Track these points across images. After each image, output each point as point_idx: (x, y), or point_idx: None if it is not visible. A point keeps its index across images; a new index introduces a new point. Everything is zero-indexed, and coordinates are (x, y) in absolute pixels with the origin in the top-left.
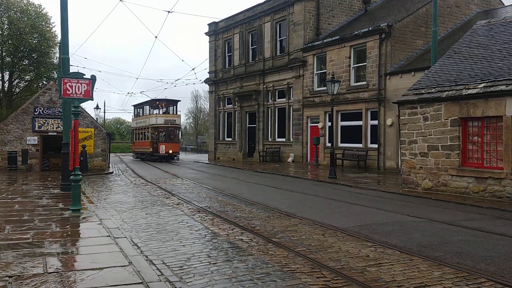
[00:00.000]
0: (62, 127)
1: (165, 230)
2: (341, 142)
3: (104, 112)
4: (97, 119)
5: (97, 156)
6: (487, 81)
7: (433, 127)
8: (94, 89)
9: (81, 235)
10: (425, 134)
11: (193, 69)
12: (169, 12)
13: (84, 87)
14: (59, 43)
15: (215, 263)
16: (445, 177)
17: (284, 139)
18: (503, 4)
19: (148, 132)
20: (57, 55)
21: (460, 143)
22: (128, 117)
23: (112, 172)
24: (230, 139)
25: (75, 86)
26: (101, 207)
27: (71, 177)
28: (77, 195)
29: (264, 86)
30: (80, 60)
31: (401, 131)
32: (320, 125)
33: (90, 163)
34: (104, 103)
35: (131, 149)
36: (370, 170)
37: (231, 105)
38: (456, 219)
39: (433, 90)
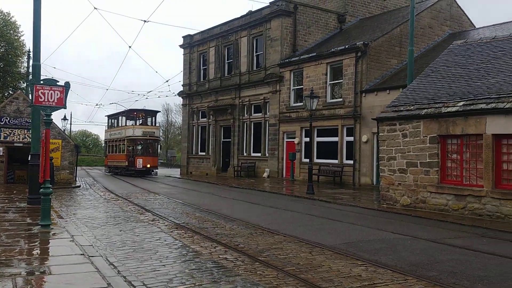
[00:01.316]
0: (29, 138)
1: (142, 249)
2: (317, 158)
3: (71, 123)
4: (64, 130)
5: (64, 169)
6: (466, 99)
7: (412, 144)
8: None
9: (52, 253)
10: (404, 150)
11: (167, 81)
12: (145, 21)
13: (57, 95)
14: (28, 51)
15: (201, 285)
16: (424, 194)
17: (259, 154)
18: (474, 26)
19: (124, 144)
20: (25, 64)
21: (439, 160)
22: (95, 129)
23: (79, 186)
24: (203, 153)
25: (48, 93)
26: (71, 222)
27: (41, 190)
28: (47, 210)
29: (240, 101)
30: (49, 69)
31: (380, 148)
32: (296, 140)
33: (56, 176)
34: (71, 114)
35: (99, 163)
36: (345, 186)
37: (205, 119)
38: (441, 236)
39: (412, 107)
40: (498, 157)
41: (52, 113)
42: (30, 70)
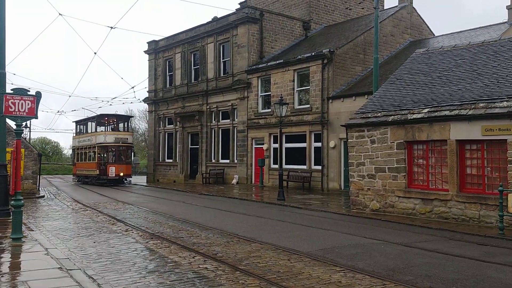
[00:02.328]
0: None
1: (119, 260)
2: (286, 164)
3: (30, 131)
4: (25, 138)
5: (27, 179)
6: (431, 106)
7: (380, 150)
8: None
9: (29, 268)
10: (372, 156)
11: (133, 87)
12: (112, 28)
13: (28, 105)
14: None
15: None
16: (393, 199)
17: (228, 161)
18: (434, 34)
19: (94, 152)
20: None
21: (406, 166)
22: (55, 137)
23: (43, 196)
24: (170, 160)
25: (18, 103)
26: (42, 235)
27: (12, 202)
28: (19, 222)
29: (208, 107)
30: (9, 76)
31: (349, 153)
32: (265, 146)
33: (20, 185)
34: (30, 122)
35: (60, 171)
36: (314, 191)
37: (172, 126)
38: (412, 240)
39: (379, 114)
40: (462, 162)
41: (23, 123)
42: None
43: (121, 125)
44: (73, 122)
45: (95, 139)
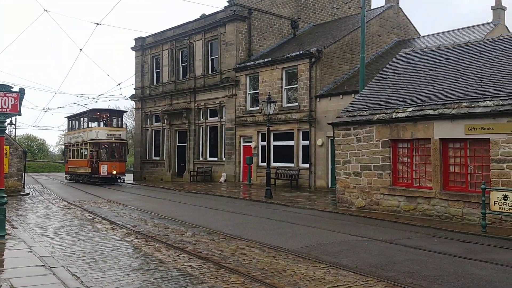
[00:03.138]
0: None
1: (103, 258)
2: (273, 162)
3: (15, 128)
4: (10, 135)
5: (12, 176)
6: (415, 105)
7: (365, 148)
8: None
9: (12, 265)
10: (358, 154)
11: (119, 84)
12: (98, 24)
13: (12, 101)
14: None
15: None
16: (378, 196)
17: (216, 159)
18: (419, 34)
19: (86, 148)
20: None
21: (391, 164)
22: (41, 134)
23: (28, 194)
24: (157, 158)
25: (1, 99)
26: (26, 232)
27: None
28: (2, 220)
29: (196, 104)
30: None
31: (335, 152)
32: (253, 144)
33: (4, 183)
34: (16, 118)
35: (46, 168)
36: (302, 189)
37: (159, 123)
38: (395, 237)
39: (365, 113)
40: (445, 160)
41: (6, 120)
42: None
43: (114, 120)
44: (65, 117)
45: (86, 136)
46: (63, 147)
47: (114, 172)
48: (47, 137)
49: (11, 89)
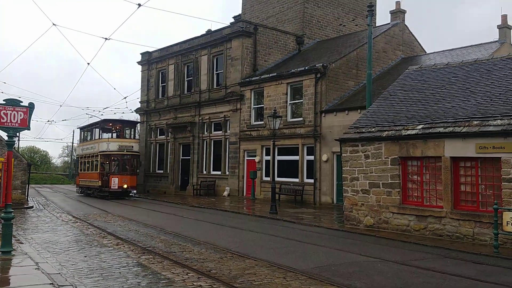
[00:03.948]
0: None
1: (111, 276)
2: (277, 176)
3: (19, 140)
4: (14, 147)
5: (15, 189)
6: (425, 123)
7: (374, 165)
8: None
9: (20, 283)
10: (366, 171)
11: (125, 97)
12: (106, 39)
13: (21, 116)
14: None
15: None
16: (387, 215)
17: (219, 172)
18: (425, 52)
19: (97, 160)
20: None
21: (401, 182)
22: (44, 146)
23: (32, 207)
24: (161, 171)
25: (11, 114)
26: (31, 248)
27: (3, 214)
28: (9, 235)
29: (200, 118)
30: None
31: (343, 168)
32: (257, 158)
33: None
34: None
35: (48, 180)
36: (306, 205)
37: (163, 136)
38: (407, 258)
39: (373, 129)
40: (456, 179)
41: (15, 135)
42: None
43: (127, 131)
44: (77, 128)
45: (98, 147)
46: (66, 158)
47: (125, 186)
48: (50, 149)
49: (21, 104)
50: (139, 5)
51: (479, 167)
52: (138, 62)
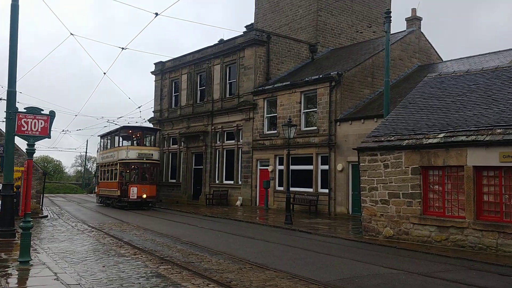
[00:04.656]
0: None
1: (131, 287)
2: (291, 186)
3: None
4: None
5: (31, 198)
6: (446, 131)
7: (393, 175)
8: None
9: None
10: (385, 181)
11: (139, 107)
12: (123, 48)
13: (41, 124)
14: None
15: None
16: (407, 226)
17: (232, 182)
18: (442, 59)
19: (116, 169)
20: None
21: (421, 192)
22: (58, 155)
23: (46, 216)
24: (174, 180)
25: (31, 122)
26: (49, 257)
27: (21, 224)
28: (27, 245)
29: (213, 127)
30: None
31: (361, 178)
32: (270, 168)
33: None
34: None
35: (61, 190)
36: (321, 215)
37: (176, 146)
38: (431, 270)
39: (393, 138)
40: (479, 189)
41: (35, 143)
42: None
43: (147, 139)
44: (98, 136)
45: (117, 155)
46: (78, 168)
47: (144, 196)
48: (63, 158)
49: (41, 112)
50: (156, 14)
51: (503, 177)
52: (152, 72)
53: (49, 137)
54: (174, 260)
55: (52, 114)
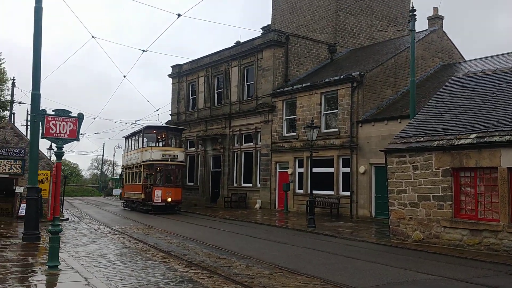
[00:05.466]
0: (16, 169)
1: None
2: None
3: (53, 153)
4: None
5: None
6: (478, 131)
7: (423, 177)
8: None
9: None
10: (415, 183)
11: (157, 110)
12: (144, 51)
13: (70, 126)
14: (13, 79)
15: None
16: (438, 229)
17: (250, 185)
18: (464, 59)
19: (140, 171)
20: (6, 92)
21: (453, 194)
22: (73, 158)
23: (67, 219)
24: (192, 183)
25: (60, 125)
26: (76, 261)
27: (50, 228)
28: (56, 249)
29: (231, 130)
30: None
31: (388, 180)
32: (289, 171)
33: (44, 208)
34: (51, 144)
35: (79, 193)
36: (343, 218)
37: (194, 148)
38: (470, 276)
39: (422, 139)
40: None
41: (64, 146)
42: (15, 98)
43: (172, 139)
44: (122, 137)
45: (141, 157)
46: (94, 171)
47: (169, 200)
48: (79, 162)
49: (70, 114)
50: (179, 15)
51: None
52: (169, 75)
53: (78, 140)
54: (202, 264)
55: (80, 117)
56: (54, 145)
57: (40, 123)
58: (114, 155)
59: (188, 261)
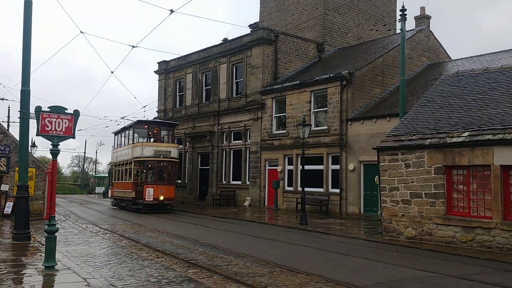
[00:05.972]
0: (1, 166)
1: None
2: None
3: (36, 150)
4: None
5: (37, 199)
6: (471, 130)
7: (415, 174)
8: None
9: None
10: (407, 181)
11: (144, 106)
12: (133, 46)
13: (66, 123)
14: None
15: None
16: (430, 226)
17: (240, 182)
18: (450, 58)
19: (131, 168)
20: None
21: (445, 191)
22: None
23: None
24: (179, 181)
25: (55, 122)
26: (71, 261)
27: (46, 227)
28: (52, 249)
29: (219, 127)
30: (15, 93)
31: (381, 178)
32: (279, 168)
33: (30, 206)
34: (34, 141)
35: (60, 190)
36: (332, 215)
37: (181, 146)
38: (467, 273)
39: (414, 137)
40: (507, 189)
41: (59, 143)
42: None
43: (164, 134)
44: (112, 133)
45: (131, 153)
46: (75, 169)
47: (161, 198)
48: (60, 159)
49: (66, 111)
50: (172, 11)
51: None
52: (155, 71)
53: (74, 137)
54: (200, 263)
55: (76, 114)
56: (49, 143)
57: (36, 120)
58: (96, 152)
59: (185, 260)
